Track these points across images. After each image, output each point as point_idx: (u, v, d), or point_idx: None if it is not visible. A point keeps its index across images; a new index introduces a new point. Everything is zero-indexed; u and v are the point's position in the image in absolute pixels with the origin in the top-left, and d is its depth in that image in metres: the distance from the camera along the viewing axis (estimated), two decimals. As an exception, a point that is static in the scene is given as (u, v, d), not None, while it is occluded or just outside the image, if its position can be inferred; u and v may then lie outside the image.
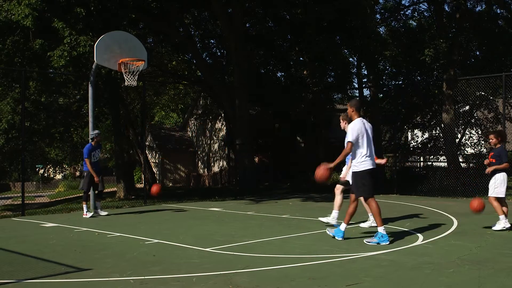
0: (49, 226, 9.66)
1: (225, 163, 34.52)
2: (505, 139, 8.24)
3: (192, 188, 31.51)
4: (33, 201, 26.84)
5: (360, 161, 6.95)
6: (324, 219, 8.93)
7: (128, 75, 12.28)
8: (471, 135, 24.74)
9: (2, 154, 22.63)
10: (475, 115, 24.18)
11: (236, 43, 18.52)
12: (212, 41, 25.07)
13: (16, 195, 36.73)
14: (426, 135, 25.48)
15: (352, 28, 18.74)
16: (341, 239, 7.25)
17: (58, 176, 57.91)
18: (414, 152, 25.35)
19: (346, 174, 8.27)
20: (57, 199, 30.30)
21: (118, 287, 5.03)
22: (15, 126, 19.42)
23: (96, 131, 11.39)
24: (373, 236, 7.09)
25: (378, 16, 24.63)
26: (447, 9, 22.62)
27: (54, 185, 50.28)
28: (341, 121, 8.66)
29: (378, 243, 6.89)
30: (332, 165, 6.95)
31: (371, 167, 6.97)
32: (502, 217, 7.88)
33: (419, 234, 7.68)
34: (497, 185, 7.92)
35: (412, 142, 26.44)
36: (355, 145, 6.94)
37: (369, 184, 6.94)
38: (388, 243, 6.87)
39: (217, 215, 11.14)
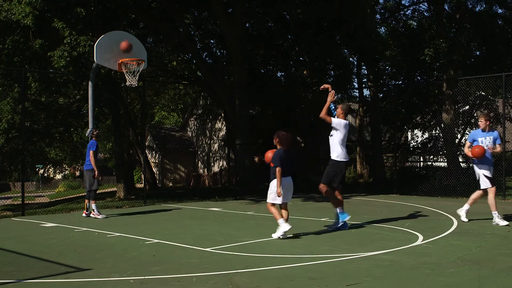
0: (49, 226, 9.66)
1: (225, 163, 34.53)
2: (283, 142, 7.70)
3: (192, 188, 31.49)
4: (33, 201, 26.84)
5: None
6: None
7: (129, 75, 12.30)
8: (471, 135, 24.69)
9: (2, 154, 22.63)
10: (475, 115, 24.17)
11: (236, 43, 18.51)
12: (212, 41, 25.07)
13: (16, 195, 36.74)
14: (426, 135, 25.48)
15: (352, 28, 18.73)
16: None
17: (58, 176, 57.95)
18: (414, 152, 25.36)
19: None
20: (57, 199, 30.28)
21: (118, 287, 5.03)
22: (15, 126, 19.42)
23: (92, 127, 11.63)
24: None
25: (378, 16, 24.66)
26: (447, 9, 22.63)
27: (54, 185, 50.31)
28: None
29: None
30: None
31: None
32: (281, 220, 7.59)
33: (419, 234, 7.68)
34: (272, 191, 7.72)
35: (412, 142, 26.44)
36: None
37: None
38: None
39: (217, 215, 11.14)
